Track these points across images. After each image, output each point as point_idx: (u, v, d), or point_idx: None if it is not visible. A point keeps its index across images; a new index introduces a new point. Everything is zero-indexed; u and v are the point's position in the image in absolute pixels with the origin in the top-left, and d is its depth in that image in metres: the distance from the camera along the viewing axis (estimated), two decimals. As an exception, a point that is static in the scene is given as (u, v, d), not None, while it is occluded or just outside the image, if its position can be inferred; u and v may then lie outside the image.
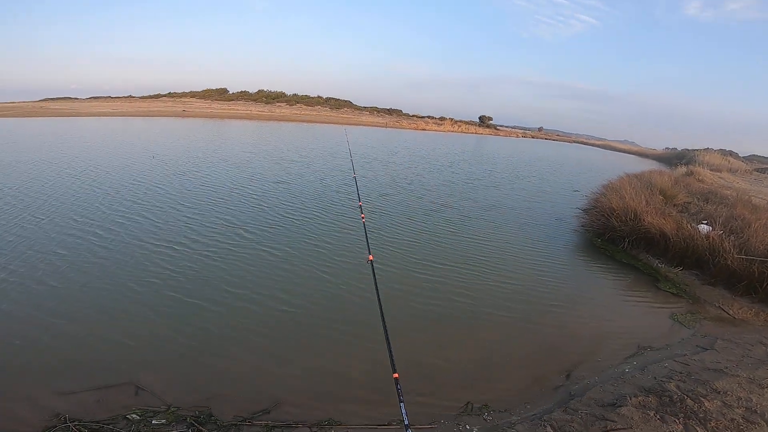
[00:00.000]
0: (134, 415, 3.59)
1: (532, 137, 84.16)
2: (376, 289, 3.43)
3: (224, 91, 63.42)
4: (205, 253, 7.47)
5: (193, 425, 3.56)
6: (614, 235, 10.55)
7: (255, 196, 11.90)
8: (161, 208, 10.13)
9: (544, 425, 3.94)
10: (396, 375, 2.34)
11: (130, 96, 59.67)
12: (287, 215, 10.27)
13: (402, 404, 2.10)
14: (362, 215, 5.22)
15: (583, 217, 12.56)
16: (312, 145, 27.36)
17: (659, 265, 9.19)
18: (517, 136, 79.05)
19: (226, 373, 4.46)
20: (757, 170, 30.46)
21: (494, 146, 46.69)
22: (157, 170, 14.63)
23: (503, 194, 16.35)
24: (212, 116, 46.72)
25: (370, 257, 4.00)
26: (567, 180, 23.25)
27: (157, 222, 9.04)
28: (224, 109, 54.39)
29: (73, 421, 3.46)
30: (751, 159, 38.61)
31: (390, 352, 2.66)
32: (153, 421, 3.55)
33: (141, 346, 4.78)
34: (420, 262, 8.12)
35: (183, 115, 45.79)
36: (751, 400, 4.40)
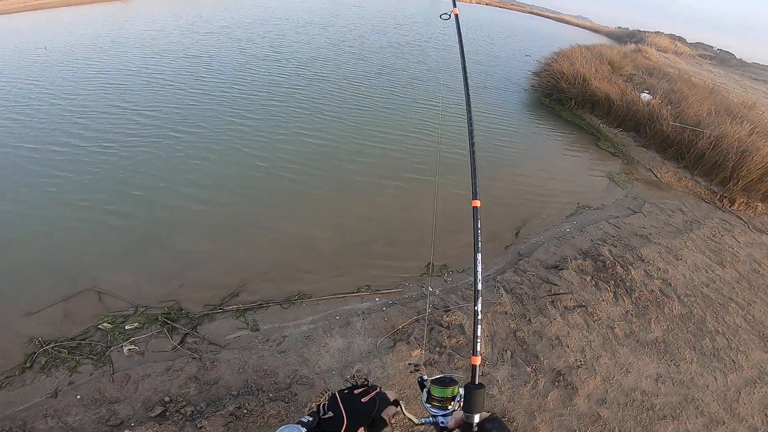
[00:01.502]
0: (106, 324, 3.24)
1: (487, 4, 78.44)
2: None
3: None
4: (124, 142, 6.14)
5: (166, 323, 3.29)
6: (562, 96, 10.51)
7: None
8: (75, 98, 8.38)
9: (498, 287, 3.99)
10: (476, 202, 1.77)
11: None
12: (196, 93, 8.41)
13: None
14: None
15: (533, 79, 12.31)
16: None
17: (601, 125, 9.30)
18: (471, 2, 73.23)
19: (185, 261, 3.96)
20: (700, 56, 30.84)
21: (449, 9, 42.96)
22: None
23: (456, 56, 15.24)
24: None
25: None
26: (519, 46, 22.10)
27: (70, 114, 7.05)
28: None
29: (49, 343, 3.10)
30: (697, 46, 38.68)
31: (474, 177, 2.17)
32: (126, 327, 3.24)
33: (91, 248, 4.06)
34: (376, 114, 7.99)
35: (78, 2, 36.29)
36: (668, 271, 4.58)
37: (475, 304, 1.34)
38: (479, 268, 1.40)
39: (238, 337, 3.30)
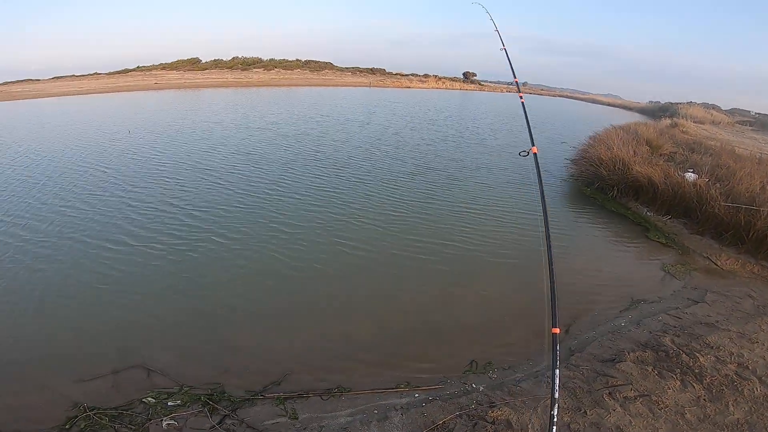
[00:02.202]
0: (150, 399, 3.59)
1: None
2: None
3: (197, 60, 59.97)
4: (171, 244, 6.89)
5: (208, 403, 3.58)
6: (603, 184, 10.65)
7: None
8: (134, 190, 9.73)
9: (548, 382, 3.99)
10: (556, 330, 2.09)
11: (96, 73, 55.96)
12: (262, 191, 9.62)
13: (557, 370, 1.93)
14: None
15: (572, 168, 12.65)
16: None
17: (648, 213, 9.32)
18: (502, 91, 77.80)
19: (233, 347, 4.47)
20: (738, 123, 30.85)
21: (479, 101, 46.00)
22: (141, 146, 14.20)
23: (491, 150, 16.01)
24: (186, 87, 44.47)
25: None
26: (553, 133, 23.07)
27: (143, 205, 8.75)
28: (199, 78, 51.77)
29: (93, 410, 3.46)
30: (732, 112, 38.87)
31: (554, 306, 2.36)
32: (169, 403, 3.56)
33: (147, 328, 4.75)
34: (413, 221, 8.11)
35: (156, 87, 43.41)
36: (743, 355, 4.50)
37: (552, 409, 1.44)
38: (557, 382, 1.55)
39: (276, 423, 3.53)
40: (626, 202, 10.04)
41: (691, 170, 10.23)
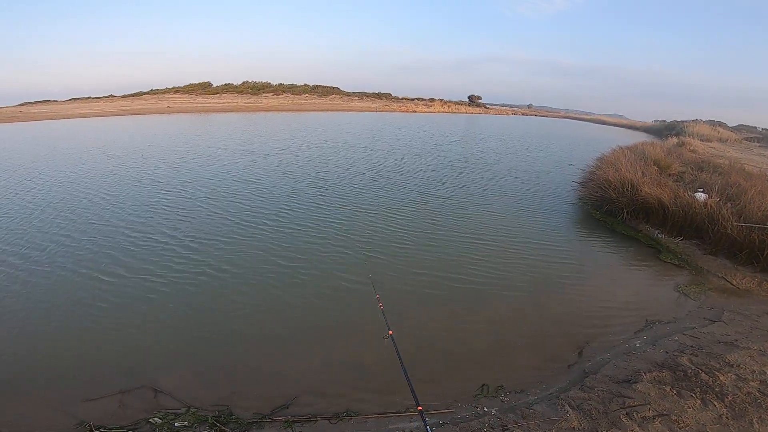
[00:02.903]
0: (156, 419, 3.59)
1: (522, 114, 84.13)
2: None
3: (208, 84, 62.09)
4: (206, 257, 7.33)
5: (215, 425, 3.55)
6: (612, 206, 10.59)
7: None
8: (149, 204, 10.04)
9: (562, 404, 3.95)
10: (420, 408, 2.43)
11: (111, 95, 58.07)
12: (275, 216, 9.72)
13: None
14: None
15: (580, 191, 12.59)
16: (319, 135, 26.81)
17: (659, 235, 9.24)
18: (507, 114, 78.92)
19: (242, 370, 4.48)
20: (746, 139, 30.78)
21: (485, 125, 46.50)
22: (153, 169, 14.51)
23: (498, 175, 16.05)
24: (198, 110, 45.85)
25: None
26: (560, 155, 23.21)
27: (153, 222, 8.97)
28: (210, 102, 53.35)
29: (98, 428, 3.47)
30: (739, 129, 38.87)
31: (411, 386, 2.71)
32: (175, 424, 3.55)
33: (156, 348, 4.80)
34: (422, 249, 8.03)
35: (168, 111, 44.82)
36: (765, 372, 4.40)
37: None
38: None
39: (282, 447, 3.47)
40: (636, 225, 9.98)
41: (701, 190, 10.20)
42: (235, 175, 13.54)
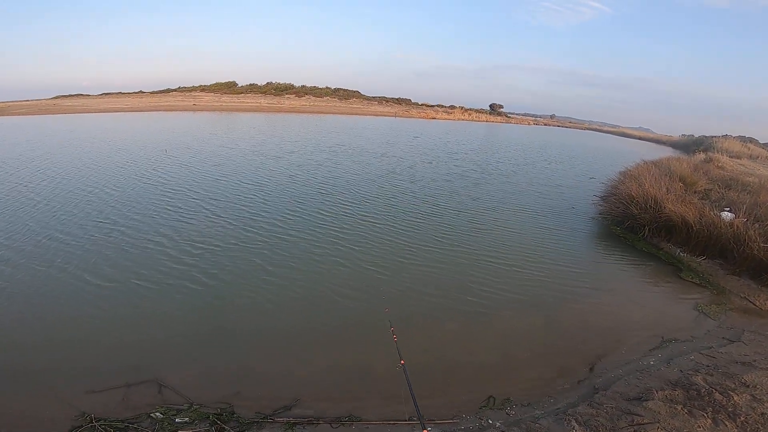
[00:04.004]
0: (158, 414, 3.66)
1: (545, 125, 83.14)
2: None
3: (233, 84, 63.52)
4: (215, 255, 7.42)
5: (216, 423, 3.60)
6: (634, 223, 10.36)
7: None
8: (170, 202, 10.22)
9: (569, 420, 3.91)
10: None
11: (141, 91, 60.09)
12: (285, 219, 9.78)
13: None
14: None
15: (601, 205, 12.32)
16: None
17: (681, 254, 9.03)
18: (529, 124, 78.10)
19: (247, 370, 4.53)
20: None
21: (506, 134, 46.09)
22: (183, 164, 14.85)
23: (517, 186, 15.89)
24: (222, 109, 46.97)
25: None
26: (582, 168, 22.86)
27: (169, 218, 9.13)
28: (234, 102, 54.55)
29: (99, 421, 3.54)
30: None
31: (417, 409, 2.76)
32: (176, 420, 3.61)
33: (163, 344, 4.89)
34: (437, 258, 7.98)
35: (193, 108, 46.10)
36: None
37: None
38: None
39: (283, 448, 3.52)
40: (658, 242, 9.77)
41: (728, 209, 9.92)
42: (241, 177, 13.46)
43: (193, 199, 10.75)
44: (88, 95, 56.34)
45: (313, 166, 16.17)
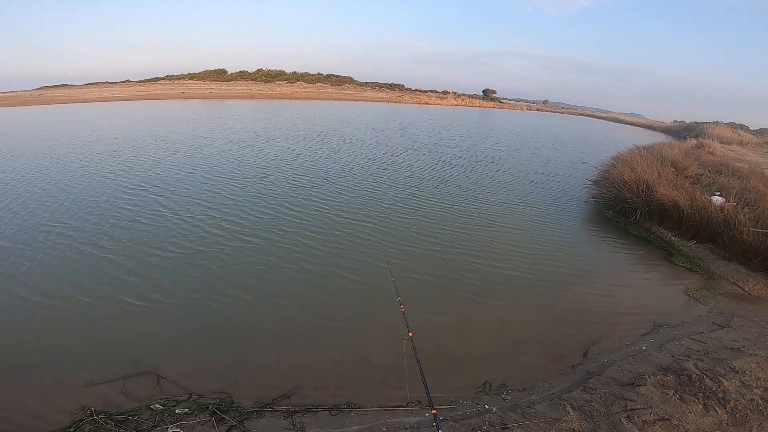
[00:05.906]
0: (157, 405, 3.66)
1: (537, 110, 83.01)
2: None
3: (223, 71, 62.29)
4: (213, 241, 7.45)
5: (215, 413, 3.62)
6: (626, 206, 10.48)
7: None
8: (162, 192, 10.10)
9: (563, 404, 3.96)
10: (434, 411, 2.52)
11: (128, 80, 58.66)
12: (280, 208, 9.91)
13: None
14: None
15: (593, 189, 12.44)
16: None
17: (672, 238, 9.15)
18: (522, 109, 77.91)
19: (245, 359, 4.54)
20: None
21: (498, 119, 45.94)
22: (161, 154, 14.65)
23: (508, 171, 15.90)
24: (211, 97, 46.12)
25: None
26: (574, 152, 22.94)
27: (169, 209, 9.03)
28: (224, 89, 53.58)
29: (99, 414, 3.54)
30: (762, 132, 37.70)
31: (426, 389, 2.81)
32: (176, 411, 3.62)
33: (161, 335, 4.86)
34: (431, 245, 7.99)
35: (182, 96, 45.22)
36: None
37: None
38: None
39: (281, 436, 3.55)
40: (650, 226, 9.88)
41: (718, 193, 10.02)
42: (231, 173, 12.59)
43: (186, 188, 10.64)
44: (74, 85, 54.96)
45: (302, 155, 15.99)
